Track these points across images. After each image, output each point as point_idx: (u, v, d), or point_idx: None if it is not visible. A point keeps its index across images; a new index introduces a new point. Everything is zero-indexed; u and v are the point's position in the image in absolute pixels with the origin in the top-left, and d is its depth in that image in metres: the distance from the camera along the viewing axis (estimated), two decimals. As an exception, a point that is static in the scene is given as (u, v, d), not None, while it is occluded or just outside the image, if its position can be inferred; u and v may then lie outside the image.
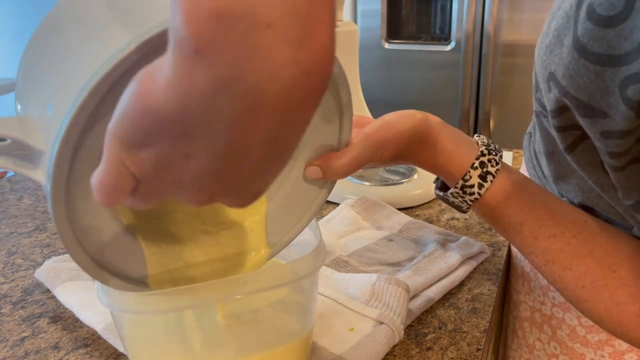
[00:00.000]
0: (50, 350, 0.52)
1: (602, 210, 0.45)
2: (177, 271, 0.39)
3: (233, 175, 0.24)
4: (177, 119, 0.21)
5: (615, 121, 0.35)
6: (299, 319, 0.46)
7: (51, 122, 0.30)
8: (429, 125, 0.45)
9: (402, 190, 0.83)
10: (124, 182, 0.24)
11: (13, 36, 2.47)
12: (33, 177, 0.32)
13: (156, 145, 0.23)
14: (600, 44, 0.34)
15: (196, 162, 0.23)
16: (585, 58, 0.35)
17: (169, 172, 0.24)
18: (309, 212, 0.42)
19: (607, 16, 0.33)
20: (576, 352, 0.57)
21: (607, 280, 0.41)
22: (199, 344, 0.43)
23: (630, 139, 0.36)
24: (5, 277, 0.65)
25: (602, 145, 0.38)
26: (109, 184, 0.24)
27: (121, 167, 0.24)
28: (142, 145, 0.23)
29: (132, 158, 0.23)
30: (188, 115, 0.21)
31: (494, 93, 1.75)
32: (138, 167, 0.24)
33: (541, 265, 0.44)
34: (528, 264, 0.63)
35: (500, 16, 1.67)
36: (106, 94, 0.28)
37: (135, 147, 0.23)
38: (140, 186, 0.25)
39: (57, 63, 0.33)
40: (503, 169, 0.45)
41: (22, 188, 0.94)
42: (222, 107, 0.21)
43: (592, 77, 0.35)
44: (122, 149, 0.23)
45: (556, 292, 0.58)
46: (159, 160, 0.23)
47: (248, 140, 0.22)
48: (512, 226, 0.44)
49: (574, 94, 0.37)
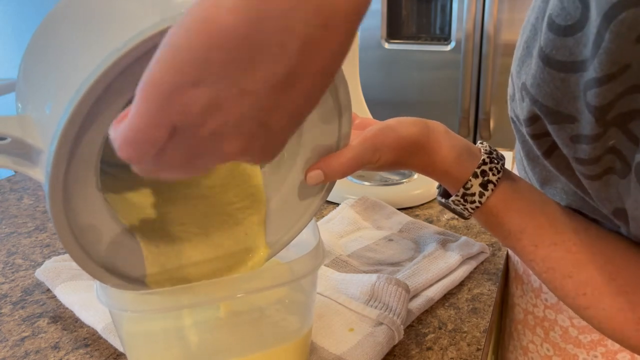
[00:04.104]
0: (50, 350, 0.52)
1: (589, 213, 0.45)
2: (176, 271, 0.39)
3: (277, 115, 0.24)
4: (246, 42, 0.21)
5: (583, 125, 0.36)
6: (298, 318, 0.46)
7: (49, 121, 0.30)
8: (430, 132, 0.45)
9: (402, 190, 0.83)
10: (157, 135, 0.23)
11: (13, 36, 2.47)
12: (32, 175, 0.32)
13: (213, 81, 0.22)
14: (562, 52, 0.35)
15: (250, 99, 0.22)
16: (550, 66, 0.36)
17: (216, 115, 0.23)
18: (308, 212, 0.42)
19: (566, 25, 0.34)
20: (569, 353, 0.57)
21: (607, 288, 0.41)
22: (198, 343, 0.43)
23: (597, 146, 0.36)
24: (5, 277, 0.65)
25: (570, 152, 0.39)
26: (140, 137, 0.23)
27: (158, 116, 0.23)
28: (198, 82, 0.22)
29: (181, 99, 0.22)
30: (260, 35, 0.21)
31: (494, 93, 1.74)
32: (183, 111, 0.23)
33: (542, 273, 0.44)
34: (521, 266, 0.63)
35: (500, 16, 1.67)
36: (103, 93, 0.28)
37: (189, 85, 0.22)
38: (174, 140, 0.24)
39: (56, 63, 0.34)
40: (505, 177, 0.45)
41: (22, 188, 0.94)
42: (296, 23, 0.21)
43: (558, 84, 0.36)
44: (170, 91, 0.22)
45: (548, 294, 0.58)
46: (210, 101, 0.22)
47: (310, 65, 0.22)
48: (513, 234, 0.44)
49: (542, 102, 0.38)
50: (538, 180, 0.50)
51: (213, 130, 0.24)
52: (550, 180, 0.48)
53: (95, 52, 0.29)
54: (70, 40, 0.33)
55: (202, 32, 0.21)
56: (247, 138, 0.25)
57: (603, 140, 0.36)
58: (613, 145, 0.36)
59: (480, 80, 1.76)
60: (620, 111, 0.34)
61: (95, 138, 0.30)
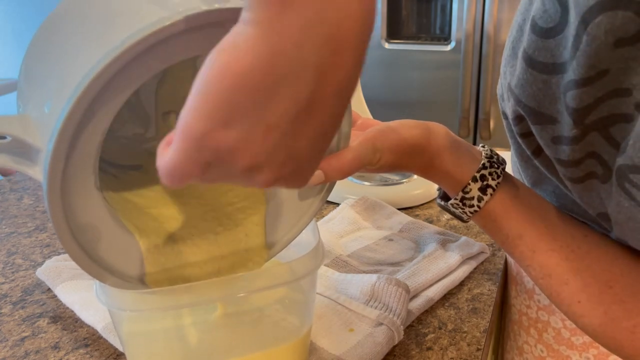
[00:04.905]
0: (50, 350, 0.52)
1: (578, 216, 0.45)
2: (176, 270, 0.39)
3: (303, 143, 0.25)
4: (264, 80, 0.22)
5: (563, 126, 0.37)
6: (298, 318, 0.46)
7: (48, 120, 0.30)
8: (432, 135, 0.45)
9: (402, 190, 0.83)
10: (193, 171, 0.25)
11: (13, 36, 2.47)
12: (32, 174, 0.32)
13: (240, 121, 0.23)
14: (544, 54, 0.36)
15: (275, 133, 0.24)
16: (532, 68, 0.37)
17: (245, 152, 0.24)
18: (308, 212, 0.42)
19: (547, 28, 0.35)
20: (562, 355, 0.57)
21: (603, 296, 0.41)
22: (197, 343, 0.43)
23: (576, 148, 0.37)
24: (5, 277, 0.65)
25: (552, 152, 0.39)
26: (178, 172, 0.25)
27: (193, 156, 0.25)
28: (226, 124, 0.23)
29: (212, 141, 0.24)
30: (276, 71, 0.22)
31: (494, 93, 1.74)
32: (215, 151, 0.24)
33: (538, 279, 0.44)
34: (516, 267, 0.63)
35: (500, 16, 1.67)
36: (101, 91, 0.28)
37: (219, 127, 0.23)
38: (209, 172, 0.26)
39: (56, 63, 0.34)
40: (505, 181, 0.45)
41: (22, 188, 0.94)
42: (309, 54, 0.22)
43: (540, 85, 0.37)
44: (202, 134, 0.24)
45: (541, 296, 0.58)
46: (239, 140, 0.24)
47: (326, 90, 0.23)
48: (511, 239, 0.44)
49: (525, 102, 0.38)
50: (530, 182, 0.50)
51: (244, 166, 0.25)
52: (542, 182, 0.48)
53: (95, 52, 0.29)
54: (70, 41, 0.34)
55: (224, 77, 0.22)
56: (278, 168, 0.26)
57: (582, 144, 0.36)
58: (593, 150, 0.37)
59: (480, 80, 1.76)
60: (600, 115, 0.35)
61: (93, 136, 0.30)
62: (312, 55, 0.22)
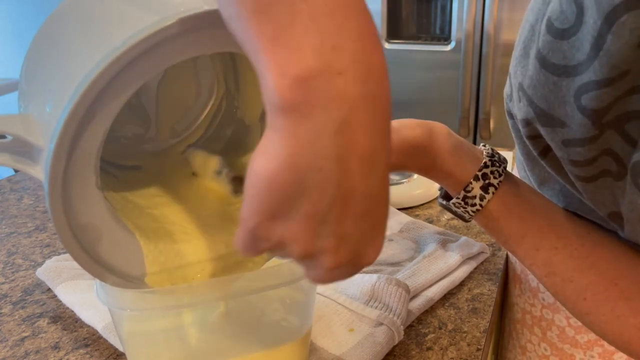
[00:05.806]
0: (50, 350, 0.52)
1: (585, 214, 0.45)
2: (176, 270, 0.39)
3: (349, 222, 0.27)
4: (290, 177, 0.25)
5: (574, 130, 0.36)
6: (298, 318, 0.46)
7: (50, 119, 0.30)
8: (433, 135, 0.44)
9: (402, 190, 0.83)
10: (256, 251, 0.29)
11: (14, 36, 2.47)
12: (33, 174, 0.32)
13: (282, 214, 0.26)
14: (557, 55, 0.36)
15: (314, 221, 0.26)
16: (545, 69, 0.37)
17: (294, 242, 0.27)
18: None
19: (562, 29, 0.35)
20: (566, 353, 0.57)
21: (608, 293, 0.41)
22: (197, 343, 0.43)
23: (591, 148, 0.36)
24: (5, 277, 0.65)
25: (564, 154, 0.39)
26: (246, 253, 0.30)
27: (253, 242, 0.28)
28: (272, 217, 0.26)
29: (262, 231, 0.27)
30: (299, 168, 0.24)
31: (494, 93, 1.74)
32: (267, 240, 0.28)
33: (542, 277, 0.44)
34: (519, 265, 0.63)
35: (500, 16, 1.67)
36: (102, 91, 0.28)
37: (267, 220, 0.27)
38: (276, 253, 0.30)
39: (58, 63, 0.34)
40: (506, 180, 0.44)
41: (22, 188, 0.94)
42: (324, 150, 0.24)
43: (551, 87, 0.37)
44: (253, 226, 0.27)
45: (546, 294, 0.58)
46: (284, 231, 0.27)
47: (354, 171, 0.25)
48: (514, 238, 0.44)
49: (537, 103, 0.38)
50: (536, 181, 0.50)
51: (299, 253, 0.28)
52: (548, 181, 0.48)
53: (96, 52, 0.29)
54: (72, 40, 0.34)
55: (258, 181, 0.26)
56: (334, 252, 0.28)
57: (599, 142, 0.36)
58: (608, 147, 0.36)
59: (480, 80, 1.76)
60: (616, 113, 0.34)
61: (94, 136, 0.30)
62: (329, 149, 0.24)
